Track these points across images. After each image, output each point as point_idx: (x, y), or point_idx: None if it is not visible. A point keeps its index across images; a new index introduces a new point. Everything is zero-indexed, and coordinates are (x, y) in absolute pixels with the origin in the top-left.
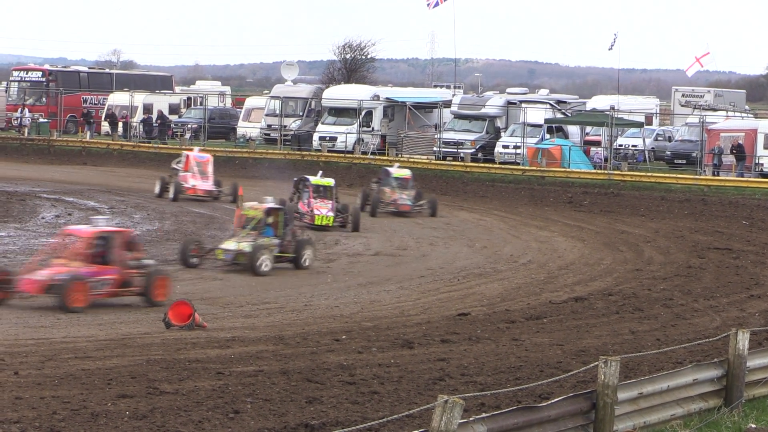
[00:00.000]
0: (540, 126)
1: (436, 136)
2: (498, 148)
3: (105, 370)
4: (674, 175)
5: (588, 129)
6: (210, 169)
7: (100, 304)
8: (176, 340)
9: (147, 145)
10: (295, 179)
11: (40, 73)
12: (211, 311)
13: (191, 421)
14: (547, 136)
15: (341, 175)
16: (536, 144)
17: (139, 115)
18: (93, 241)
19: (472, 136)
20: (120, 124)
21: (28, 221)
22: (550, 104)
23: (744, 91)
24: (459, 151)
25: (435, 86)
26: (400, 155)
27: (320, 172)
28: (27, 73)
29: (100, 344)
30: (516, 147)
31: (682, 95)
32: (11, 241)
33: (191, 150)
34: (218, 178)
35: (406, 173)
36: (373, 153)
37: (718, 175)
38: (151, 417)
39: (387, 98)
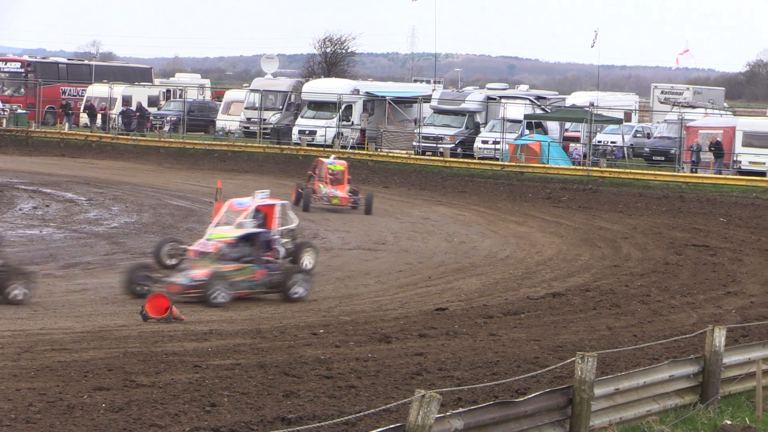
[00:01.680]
0: (519, 122)
1: (415, 131)
2: (477, 144)
3: (81, 362)
4: (653, 172)
5: (567, 125)
6: (346, 176)
7: None
8: (153, 333)
9: (126, 137)
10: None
11: (18, 64)
12: (189, 304)
13: (168, 413)
14: (527, 131)
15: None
16: (516, 140)
17: (118, 107)
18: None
19: (451, 131)
20: (99, 116)
21: (6, 212)
22: (530, 100)
23: (723, 88)
24: (438, 146)
25: (415, 81)
26: (379, 149)
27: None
28: (5, 64)
29: (77, 336)
30: (495, 142)
31: (662, 92)
32: None
33: (326, 157)
34: (354, 187)
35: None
36: (352, 147)
37: (696, 172)
38: (128, 409)
39: (367, 92)
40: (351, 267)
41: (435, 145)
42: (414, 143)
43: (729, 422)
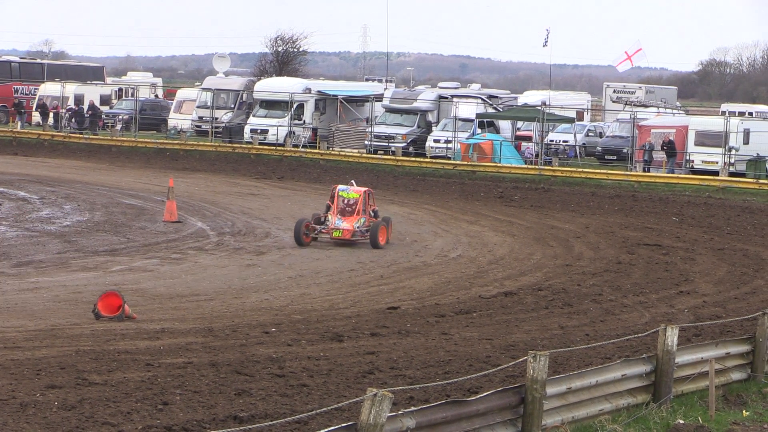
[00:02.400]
0: (471, 121)
1: (367, 130)
2: (429, 143)
3: (34, 360)
4: (605, 171)
5: (519, 124)
6: (360, 205)
7: None
8: (105, 331)
9: (78, 135)
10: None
11: None
12: (141, 303)
13: (120, 412)
14: (479, 131)
15: (272, 167)
16: (467, 139)
17: (69, 106)
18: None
19: (403, 130)
20: (51, 115)
21: None
22: (482, 99)
23: (675, 87)
24: (390, 144)
25: (367, 80)
26: (331, 148)
27: (352, 181)
28: None
29: (30, 334)
30: (447, 141)
31: (614, 91)
32: None
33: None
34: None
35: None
36: (304, 146)
37: (648, 171)
38: (80, 408)
39: (318, 91)
40: (303, 266)
41: (387, 144)
42: (366, 142)
43: (682, 421)
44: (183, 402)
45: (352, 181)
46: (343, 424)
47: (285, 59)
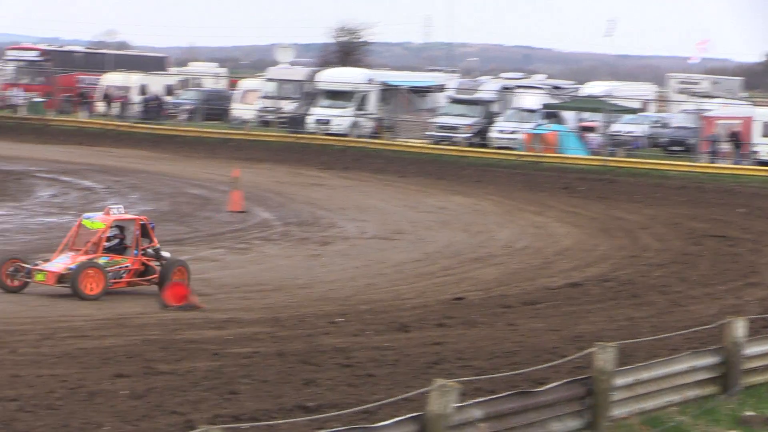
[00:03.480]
0: (535, 111)
1: (431, 121)
2: (493, 133)
3: (101, 349)
4: (670, 162)
5: (583, 115)
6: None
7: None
8: (172, 321)
9: (143, 125)
10: None
11: (36, 53)
12: (207, 292)
13: (188, 401)
14: (543, 121)
15: (336, 158)
16: (532, 129)
17: (135, 96)
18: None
19: (467, 121)
20: (115, 105)
21: (24, 200)
22: (546, 90)
23: (741, 78)
24: (454, 135)
25: (430, 71)
26: (395, 139)
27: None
28: (23, 53)
29: (97, 323)
30: (512, 132)
31: (678, 82)
32: (8, 220)
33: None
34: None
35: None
36: (368, 136)
37: (714, 162)
38: (148, 397)
39: (382, 82)
40: (368, 256)
41: (451, 134)
42: (430, 133)
43: (751, 413)
44: (250, 391)
45: (115, 207)
46: (410, 415)
47: (348, 50)
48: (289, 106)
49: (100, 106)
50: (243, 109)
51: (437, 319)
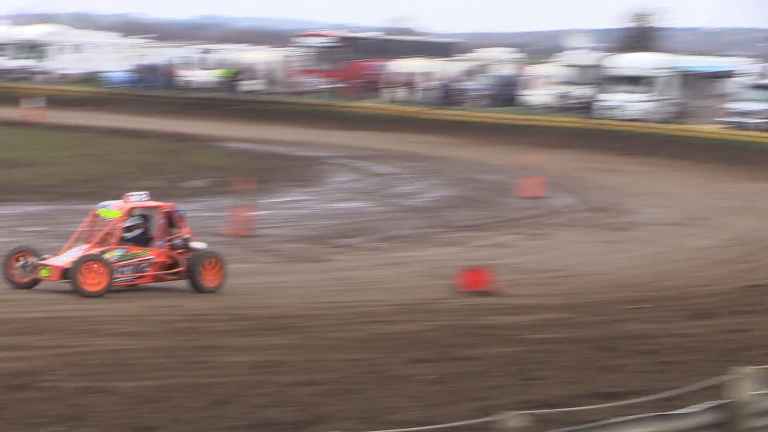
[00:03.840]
0: None
1: (725, 106)
2: None
3: (397, 334)
4: None
5: None
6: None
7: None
8: (468, 306)
9: (438, 111)
10: None
11: (334, 39)
12: (503, 278)
13: (485, 386)
14: None
15: (632, 143)
16: None
17: (427, 82)
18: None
19: (765, 106)
20: (410, 90)
21: (322, 185)
22: None
23: None
24: (751, 121)
25: (726, 56)
26: (690, 124)
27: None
28: (320, 39)
29: (392, 309)
30: None
31: None
32: (309, 206)
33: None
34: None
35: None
36: (665, 122)
37: None
38: (446, 382)
39: (677, 67)
40: (666, 242)
41: (747, 120)
42: (722, 119)
43: None
44: (548, 377)
45: (137, 193)
46: (712, 402)
47: (642, 35)
48: (584, 92)
49: (391, 92)
50: (535, 95)
51: (736, 306)
